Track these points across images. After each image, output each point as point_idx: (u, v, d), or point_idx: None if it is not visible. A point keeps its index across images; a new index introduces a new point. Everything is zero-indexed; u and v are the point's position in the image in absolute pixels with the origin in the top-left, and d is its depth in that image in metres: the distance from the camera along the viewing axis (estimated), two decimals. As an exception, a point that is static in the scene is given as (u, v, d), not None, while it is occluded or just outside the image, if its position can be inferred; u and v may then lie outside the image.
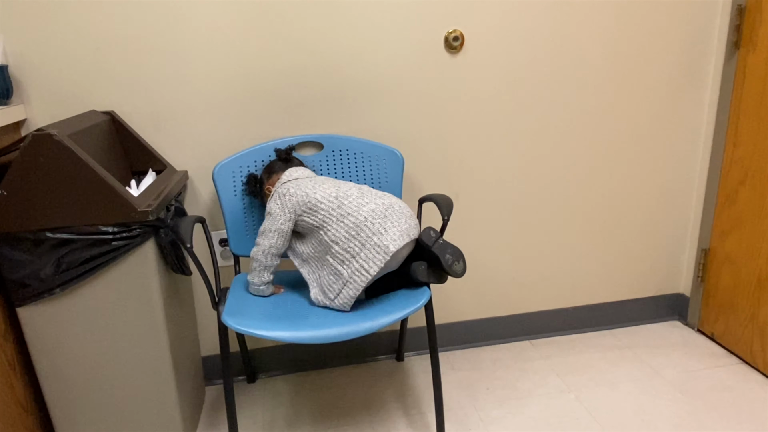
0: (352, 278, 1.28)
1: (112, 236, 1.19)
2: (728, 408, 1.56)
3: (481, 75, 1.65)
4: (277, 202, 1.37)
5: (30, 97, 1.46)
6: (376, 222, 1.28)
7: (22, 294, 1.21)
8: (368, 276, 1.26)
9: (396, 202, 1.35)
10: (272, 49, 1.53)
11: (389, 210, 1.31)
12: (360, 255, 1.27)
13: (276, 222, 1.35)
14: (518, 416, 1.56)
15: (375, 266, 1.26)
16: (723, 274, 1.82)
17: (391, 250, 1.26)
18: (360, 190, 1.36)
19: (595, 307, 1.98)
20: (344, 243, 1.29)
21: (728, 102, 1.73)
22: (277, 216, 1.35)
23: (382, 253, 1.26)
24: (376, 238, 1.26)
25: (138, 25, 1.45)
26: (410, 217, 1.34)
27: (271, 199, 1.39)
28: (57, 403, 1.32)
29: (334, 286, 1.31)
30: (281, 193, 1.37)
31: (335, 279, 1.31)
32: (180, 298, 1.48)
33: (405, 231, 1.30)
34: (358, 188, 1.37)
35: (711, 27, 1.73)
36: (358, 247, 1.27)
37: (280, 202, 1.36)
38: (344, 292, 1.29)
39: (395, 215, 1.31)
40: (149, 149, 1.50)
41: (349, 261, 1.28)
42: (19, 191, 1.14)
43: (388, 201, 1.34)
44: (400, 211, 1.33)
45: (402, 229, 1.29)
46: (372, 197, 1.34)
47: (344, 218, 1.30)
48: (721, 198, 1.79)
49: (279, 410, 1.65)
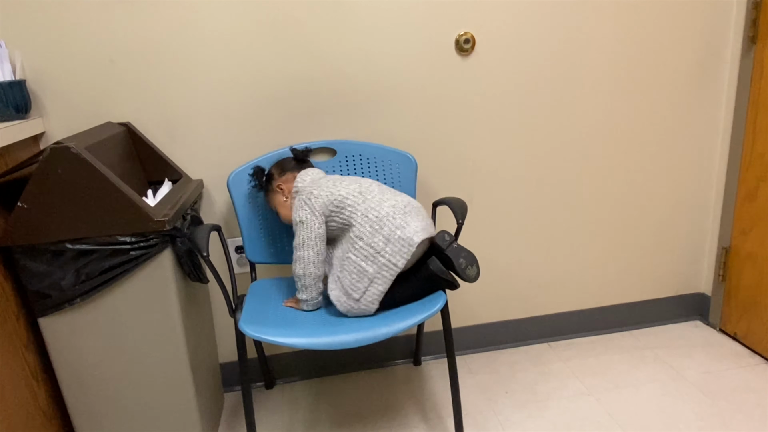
0: (379, 273, 1.27)
1: (129, 246, 1.21)
2: (753, 409, 1.53)
3: (492, 77, 1.64)
4: (305, 209, 1.33)
5: (48, 110, 1.48)
6: (397, 217, 1.29)
7: (43, 305, 1.23)
8: (396, 269, 1.27)
9: (413, 201, 1.37)
10: (284, 56, 1.54)
11: (408, 206, 1.33)
12: (386, 249, 1.27)
13: (312, 228, 1.32)
14: (538, 420, 1.55)
15: (402, 259, 1.27)
16: (745, 272, 1.79)
17: (415, 242, 1.27)
18: (380, 187, 1.38)
19: (614, 308, 1.95)
20: (368, 238, 1.28)
21: (746, 97, 1.70)
22: (311, 222, 1.32)
23: (407, 246, 1.27)
24: (400, 232, 1.27)
25: (151, 37, 1.47)
26: (426, 217, 1.36)
27: (298, 208, 1.34)
28: (79, 411, 1.34)
29: (359, 285, 1.28)
30: (305, 199, 1.34)
31: (359, 277, 1.28)
32: (197, 305, 1.49)
33: (424, 227, 1.31)
34: (378, 184, 1.39)
35: (727, 22, 1.71)
36: (383, 242, 1.27)
37: (308, 207, 1.33)
38: (371, 290, 1.28)
39: (414, 212, 1.33)
40: (165, 159, 1.52)
41: (374, 257, 1.27)
42: (39, 204, 1.16)
43: (406, 199, 1.36)
44: (418, 208, 1.35)
45: (421, 225, 1.30)
46: (391, 194, 1.36)
47: (368, 212, 1.30)
48: (741, 195, 1.76)
49: (297, 416, 1.65)
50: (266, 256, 1.57)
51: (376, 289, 1.28)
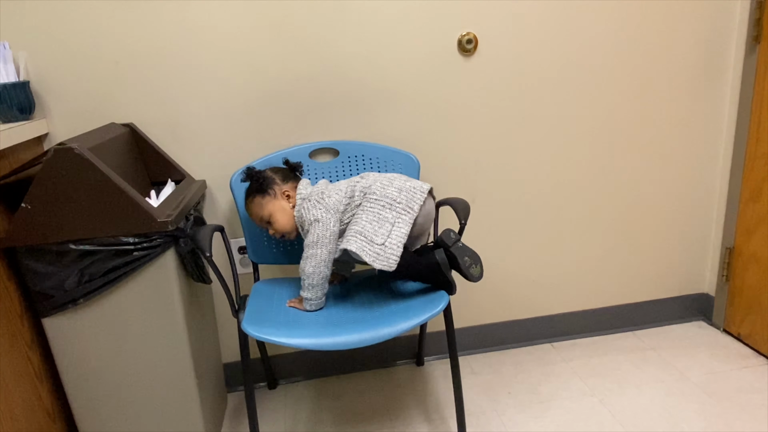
0: (399, 217, 1.31)
1: (133, 247, 1.21)
2: (758, 410, 1.52)
3: (495, 77, 1.64)
4: (320, 207, 1.34)
5: (51, 111, 1.49)
6: (402, 177, 1.40)
7: (47, 305, 1.24)
8: (413, 213, 1.32)
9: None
10: (287, 57, 1.54)
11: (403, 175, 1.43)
12: (400, 197, 1.33)
13: (328, 226, 1.32)
14: (541, 420, 1.55)
15: (416, 204, 1.33)
16: (749, 272, 1.78)
17: (425, 188, 1.36)
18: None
19: (618, 309, 1.95)
20: (382, 191, 1.34)
21: (750, 97, 1.69)
22: (326, 220, 1.32)
23: (420, 192, 1.35)
24: (410, 183, 1.36)
25: (155, 38, 1.47)
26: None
27: (311, 208, 1.34)
28: (82, 411, 1.35)
29: (382, 230, 1.29)
30: (318, 198, 1.35)
31: (380, 224, 1.30)
32: (200, 306, 1.50)
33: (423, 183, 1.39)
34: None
35: (731, 21, 1.70)
36: (396, 191, 1.34)
37: (323, 206, 1.34)
38: (394, 232, 1.29)
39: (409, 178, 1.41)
40: (168, 160, 1.52)
41: (391, 204, 1.32)
42: (43, 205, 1.16)
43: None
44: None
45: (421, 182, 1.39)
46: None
47: (377, 178, 1.38)
48: (745, 195, 1.76)
49: (300, 416, 1.65)
50: (269, 256, 1.57)
51: (399, 231, 1.30)
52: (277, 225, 1.40)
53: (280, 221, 1.40)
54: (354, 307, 1.38)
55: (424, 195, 1.34)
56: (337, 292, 1.48)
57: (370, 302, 1.40)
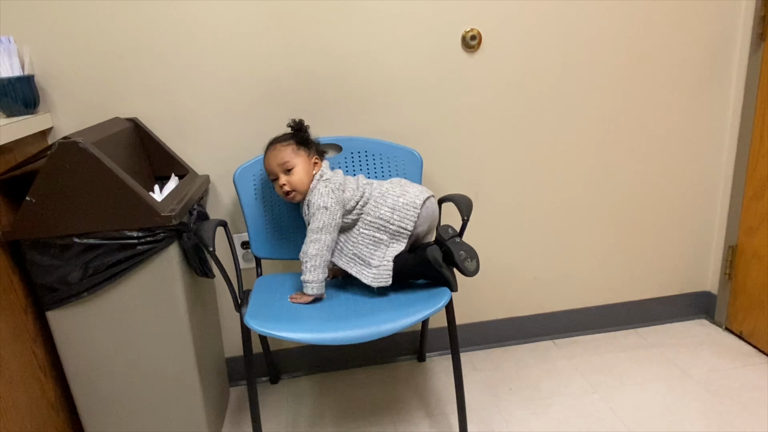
0: (393, 239, 1.38)
1: (136, 241, 1.21)
2: (759, 408, 1.52)
3: (499, 74, 1.64)
4: (332, 197, 1.37)
5: (56, 105, 1.49)
6: (396, 189, 1.41)
7: (51, 298, 1.25)
8: (407, 232, 1.37)
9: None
10: (290, 52, 1.54)
11: (402, 182, 1.45)
12: (393, 217, 1.37)
13: (334, 216, 1.36)
14: (542, 417, 1.55)
15: (410, 222, 1.37)
16: (751, 270, 1.78)
17: (418, 203, 1.38)
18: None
19: (620, 306, 1.95)
20: (375, 212, 1.38)
21: (754, 95, 1.69)
22: (334, 210, 1.36)
23: (413, 209, 1.38)
24: (402, 199, 1.38)
25: (159, 33, 1.48)
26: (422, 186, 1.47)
27: (324, 195, 1.37)
28: (86, 403, 1.36)
29: (378, 253, 1.37)
30: (333, 188, 1.38)
31: (376, 247, 1.38)
32: (203, 300, 1.50)
33: (421, 190, 1.42)
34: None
35: (736, 19, 1.69)
36: (389, 212, 1.37)
37: (334, 197, 1.37)
38: (389, 253, 1.37)
39: (408, 184, 1.44)
40: (171, 154, 1.53)
41: (384, 226, 1.37)
42: (47, 198, 1.17)
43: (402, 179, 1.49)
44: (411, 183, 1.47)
45: (419, 189, 1.42)
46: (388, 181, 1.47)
47: (373, 192, 1.41)
48: (748, 193, 1.75)
49: (302, 410, 1.66)
50: (272, 251, 1.58)
51: (394, 251, 1.37)
52: (295, 177, 1.39)
53: (300, 175, 1.39)
54: (356, 303, 1.38)
55: (417, 211, 1.37)
56: (339, 287, 1.48)
57: (371, 297, 1.40)
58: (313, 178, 1.41)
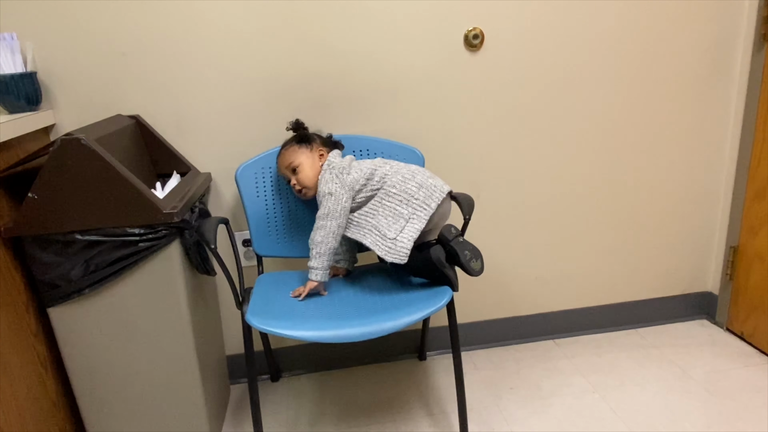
0: (414, 214, 1.35)
1: (138, 238, 1.21)
2: (760, 409, 1.52)
3: (501, 72, 1.64)
4: (336, 182, 1.37)
5: (58, 102, 1.49)
6: (425, 171, 1.41)
7: (52, 295, 1.25)
8: (429, 210, 1.34)
9: None
10: (293, 51, 1.54)
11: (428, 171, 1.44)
12: (419, 193, 1.36)
13: (340, 201, 1.36)
14: (543, 416, 1.55)
15: (434, 202, 1.35)
16: (752, 271, 1.78)
17: (445, 189, 1.38)
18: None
19: (621, 306, 1.95)
20: (401, 185, 1.37)
21: (757, 95, 1.68)
22: (339, 195, 1.36)
23: (439, 192, 1.37)
24: (432, 180, 1.38)
25: (162, 31, 1.48)
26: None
27: (328, 181, 1.38)
28: (87, 400, 1.36)
29: (395, 226, 1.35)
30: (337, 173, 1.39)
31: (395, 219, 1.35)
32: (205, 298, 1.50)
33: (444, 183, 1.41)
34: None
35: (739, 19, 1.69)
36: (415, 187, 1.36)
37: (339, 181, 1.37)
38: (408, 228, 1.34)
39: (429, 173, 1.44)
40: (173, 152, 1.53)
41: (408, 200, 1.35)
42: (49, 195, 1.17)
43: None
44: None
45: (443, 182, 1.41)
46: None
47: (399, 169, 1.40)
48: (750, 194, 1.75)
49: (302, 409, 1.66)
50: (273, 249, 1.58)
51: (413, 227, 1.34)
52: (302, 175, 1.42)
53: (306, 171, 1.42)
54: (357, 301, 1.38)
55: (443, 195, 1.36)
56: (340, 286, 1.49)
57: (373, 296, 1.40)
58: (320, 170, 1.43)
